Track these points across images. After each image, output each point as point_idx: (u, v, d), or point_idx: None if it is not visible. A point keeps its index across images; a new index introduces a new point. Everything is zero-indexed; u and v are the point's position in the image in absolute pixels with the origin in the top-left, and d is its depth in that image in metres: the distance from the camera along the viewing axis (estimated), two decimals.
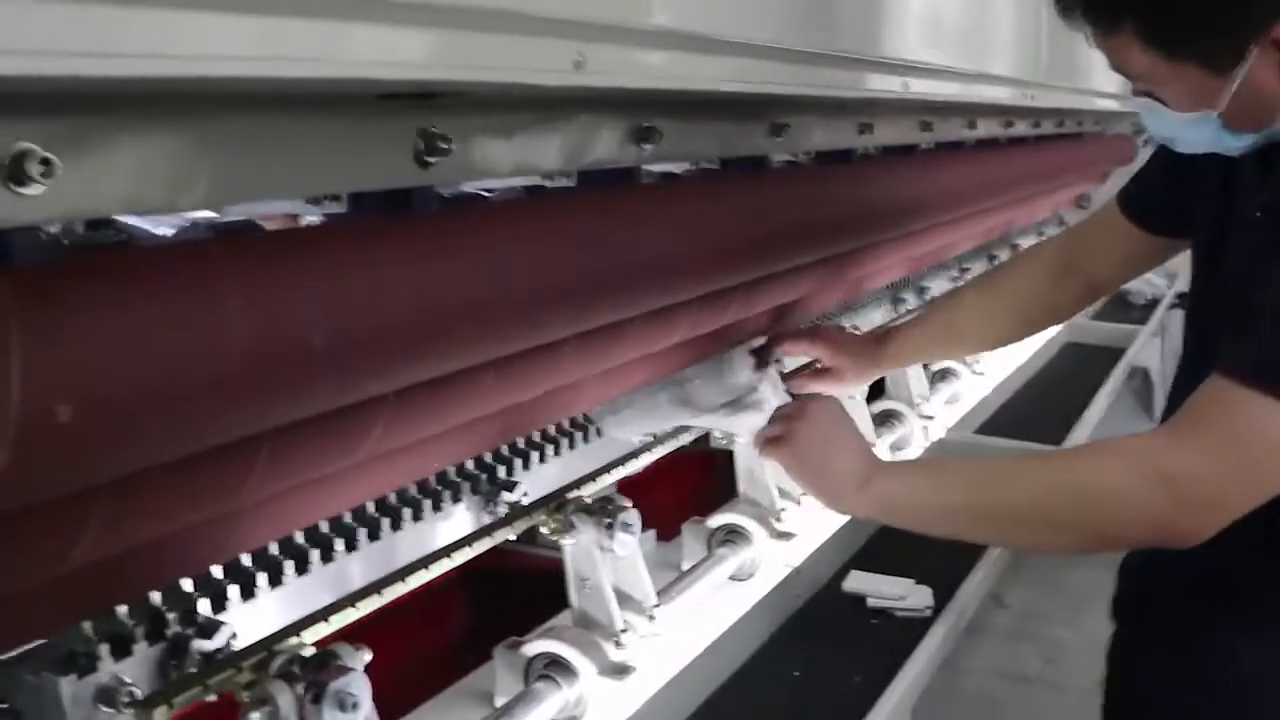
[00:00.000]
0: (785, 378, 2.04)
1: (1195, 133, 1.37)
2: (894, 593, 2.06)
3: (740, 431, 1.95)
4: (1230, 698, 1.48)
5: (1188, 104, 1.33)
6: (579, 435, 1.90)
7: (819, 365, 1.98)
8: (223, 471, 1.03)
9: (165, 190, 0.93)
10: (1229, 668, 1.48)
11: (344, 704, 1.17)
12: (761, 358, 1.96)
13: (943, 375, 3.20)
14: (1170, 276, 5.33)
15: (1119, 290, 5.22)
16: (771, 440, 1.57)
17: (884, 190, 2.21)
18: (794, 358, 2.04)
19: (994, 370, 3.47)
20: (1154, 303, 5.03)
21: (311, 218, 1.35)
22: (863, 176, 2.22)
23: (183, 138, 0.92)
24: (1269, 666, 1.46)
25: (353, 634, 1.36)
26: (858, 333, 2.40)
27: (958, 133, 2.94)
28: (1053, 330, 4.15)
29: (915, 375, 2.86)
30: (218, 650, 1.25)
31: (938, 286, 3.46)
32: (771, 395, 1.96)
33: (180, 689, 1.14)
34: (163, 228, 1.24)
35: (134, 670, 1.19)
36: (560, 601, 1.71)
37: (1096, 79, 3.70)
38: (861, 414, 2.51)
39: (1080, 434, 3.09)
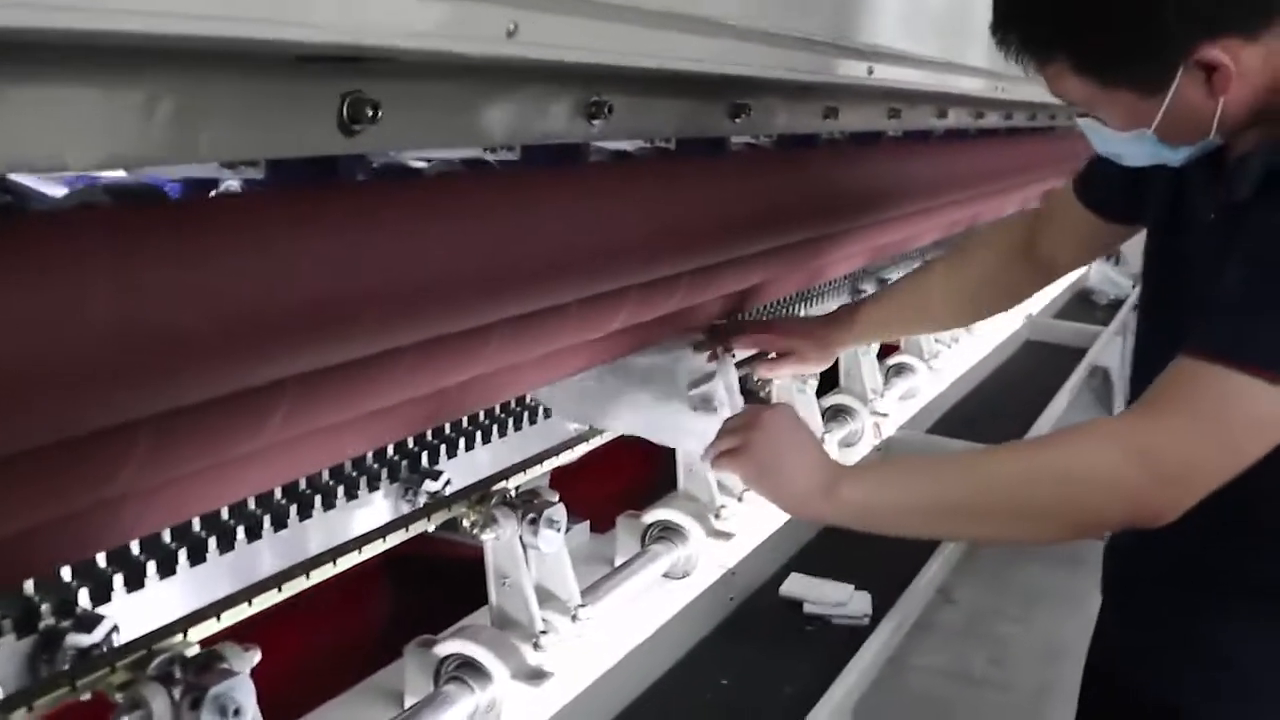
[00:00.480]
0: (743, 364, 2.04)
1: (1135, 148, 1.42)
2: (832, 598, 1.99)
3: (682, 441, 1.87)
4: (1213, 670, 1.49)
5: (1124, 124, 1.39)
6: (511, 422, 1.82)
7: (771, 354, 2.00)
8: (94, 459, 0.94)
9: (57, 148, 0.85)
10: (1212, 642, 1.49)
11: (224, 710, 1.08)
12: (713, 348, 1.95)
13: (898, 370, 3.13)
14: (1134, 277, 5.29)
15: (1082, 289, 5.19)
16: (726, 453, 1.50)
17: (846, 177, 2.13)
18: (745, 350, 2.04)
19: (951, 366, 3.40)
20: (1118, 303, 5.00)
21: (231, 183, 1.27)
22: (824, 162, 2.14)
23: (82, 93, 0.85)
24: (1252, 641, 1.47)
25: (254, 629, 1.28)
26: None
27: (926, 122, 2.87)
28: (1014, 326, 4.10)
29: (869, 369, 2.79)
30: (95, 646, 1.16)
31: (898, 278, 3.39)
32: (725, 399, 1.90)
33: (45, 690, 1.04)
34: (59, 188, 1.15)
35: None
36: (484, 592, 1.63)
37: None
38: (811, 408, 2.44)
39: (1038, 433, 3.03)
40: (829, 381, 2.69)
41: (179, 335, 0.85)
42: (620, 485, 2.38)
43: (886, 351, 3.08)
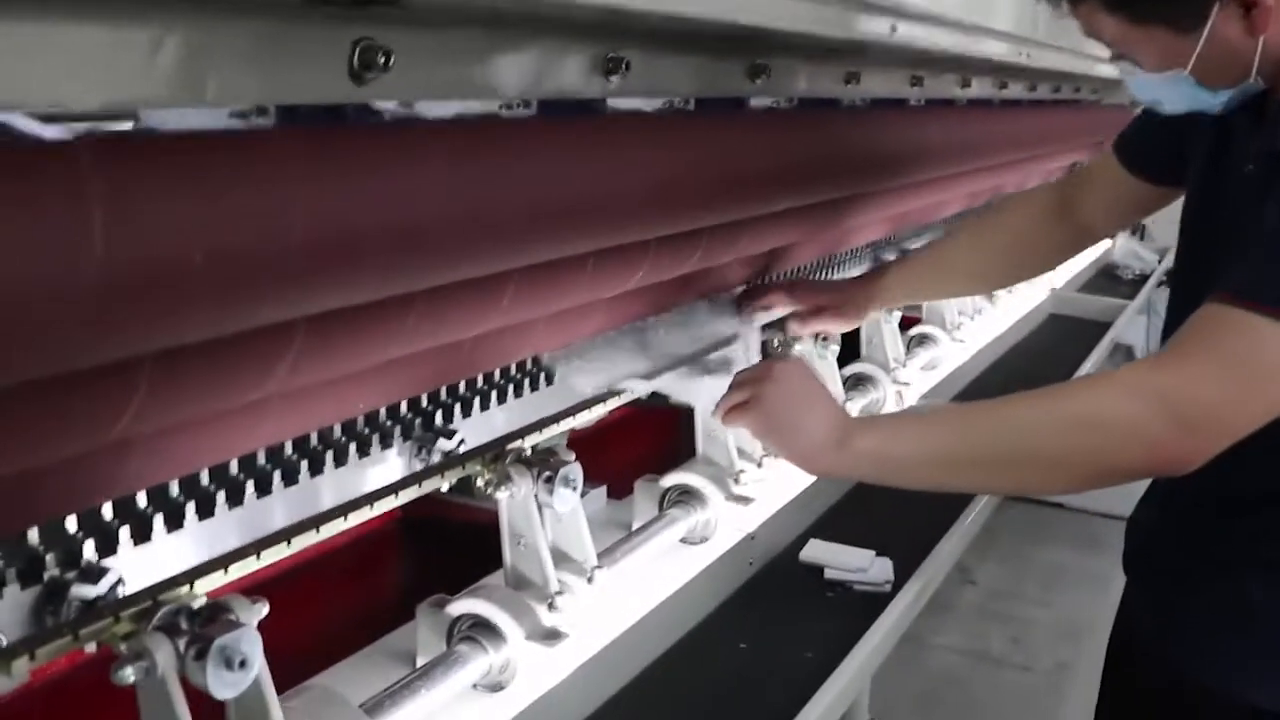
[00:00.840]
0: (770, 326, 2.06)
1: (1172, 92, 1.39)
2: (853, 564, 1.96)
3: (699, 399, 1.84)
4: (1237, 639, 1.47)
5: (1159, 64, 1.36)
6: (527, 382, 1.80)
7: (804, 309, 2.01)
8: (95, 398, 0.92)
9: (56, 89, 0.83)
10: (1239, 612, 1.47)
11: (230, 662, 1.06)
12: (742, 308, 1.99)
13: (920, 340, 3.10)
14: (1161, 252, 5.24)
15: (1107, 264, 5.14)
16: (737, 407, 1.47)
17: (869, 140, 2.10)
18: (772, 311, 2.05)
19: (974, 338, 3.36)
20: (1143, 278, 4.94)
21: None
22: (847, 124, 2.10)
23: (84, 30, 0.82)
24: (1276, 609, 1.44)
25: (263, 587, 1.26)
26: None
27: (949, 90, 2.83)
28: (1038, 299, 4.06)
29: (891, 338, 2.76)
30: (100, 598, 1.14)
31: None
32: (742, 356, 1.88)
33: (46, 639, 1.02)
34: (52, 131, 1.12)
35: (3, 615, 1.09)
36: (500, 557, 1.60)
37: (1094, 44, 3.59)
38: (832, 375, 2.41)
39: None
40: (851, 351, 2.65)
41: (179, 267, 0.82)
42: (638, 452, 2.36)
43: (909, 322, 3.05)
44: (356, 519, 1.34)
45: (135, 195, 0.80)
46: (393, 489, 1.41)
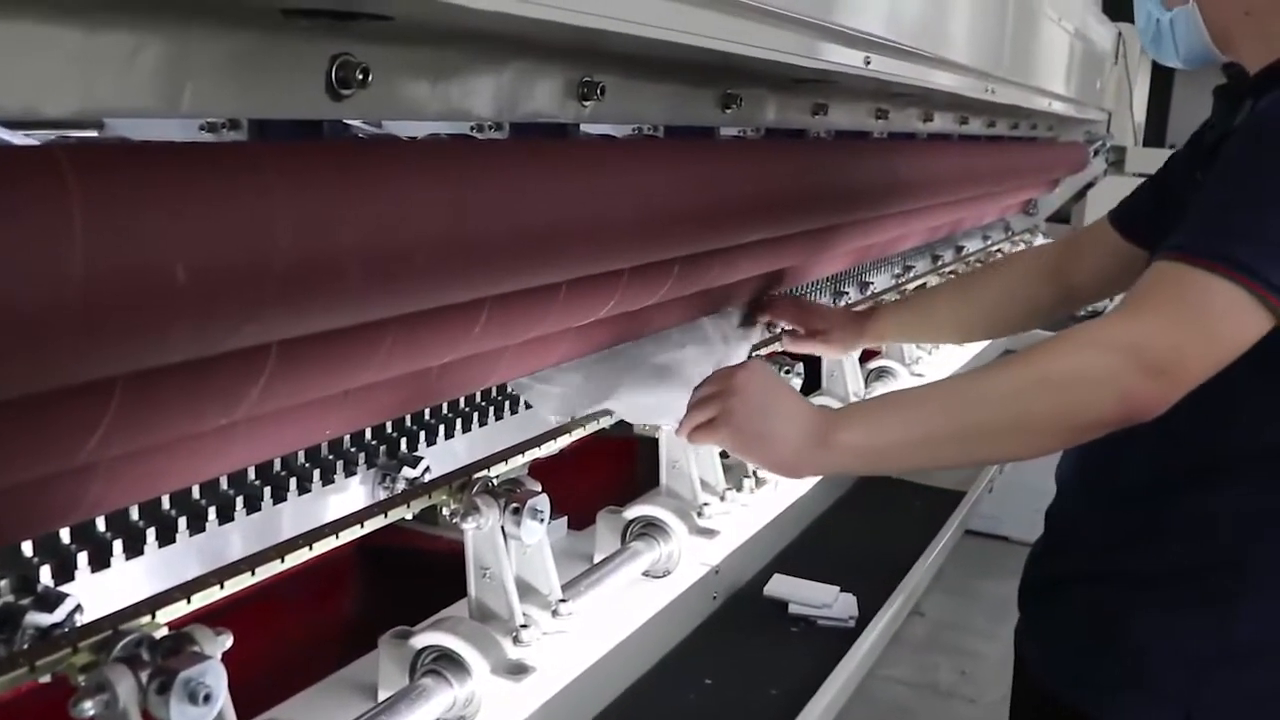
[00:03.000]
0: (776, 339, 2.16)
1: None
2: (818, 600, 1.95)
3: (665, 419, 1.83)
4: (1129, 663, 1.48)
5: None
6: (492, 411, 1.77)
7: (801, 331, 2.08)
8: (62, 421, 0.88)
9: (31, 95, 0.80)
10: (1127, 636, 1.49)
11: (195, 695, 1.02)
12: (748, 321, 2.07)
13: (879, 374, 3.09)
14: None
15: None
16: (702, 425, 1.43)
17: (840, 173, 2.09)
18: (777, 323, 2.14)
19: (931, 372, 3.36)
20: (1096, 315, 4.97)
21: None
22: (811, 157, 2.09)
23: (61, 34, 0.80)
24: (1166, 632, 1.46)
25: (223, 615, 1.22)
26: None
27: (912, 124, 2.84)
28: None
29: (851, 371, 2.76)
30: (57, 625, 1.10)
31: (881, 282, 3.36)
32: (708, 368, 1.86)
33: (1, 671, 0.98)
34: (27, 139, 1.09)
35: None
36: (464, 587, 1.57)
37: (1055, 82, 3.63)
38: None
39: None
40: (812, 382, 2.65)
41: (158, 285, 0.79)
42: (596, 482, 2.33)
43: (869, 355, 3.05)
44: (321, 548, 1.30)
45: (110, 205, 0.77)
46: (358, 517, 1.37)
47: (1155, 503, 1.47)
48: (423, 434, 1.62)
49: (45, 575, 1.14)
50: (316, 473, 1.44)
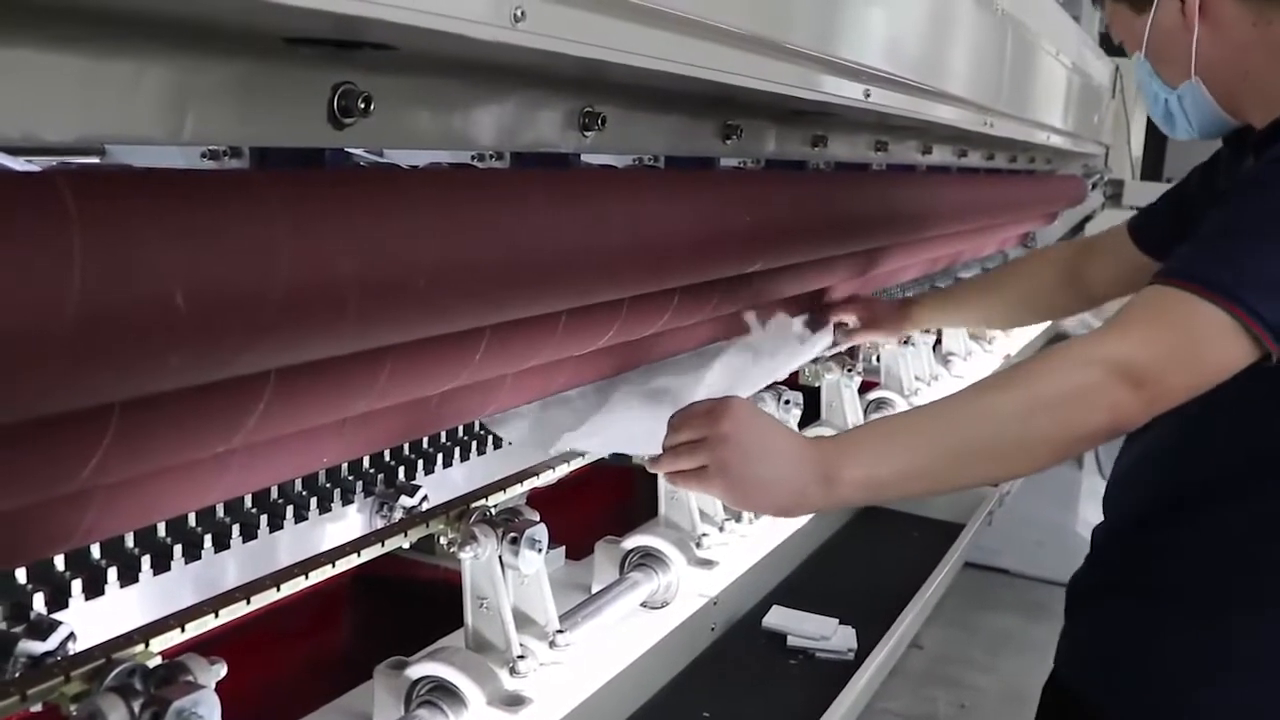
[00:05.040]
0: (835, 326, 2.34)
1: (1143, 78, 1.59)
2: (816, 632, 1.93)
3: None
4: (1146, 671, 1.56)
5: (1129, 46, 1.57)
6: (490, 440, 1.76)
7: (858, 323, 2.33)
8: (58, 447, 0.88)
9: (32, 121, 0.80)
10: (1144, 646, 1.57)
11: None
12: (815, 324, 2.29)
13: (878, 405, 3.08)
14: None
15: (1058, 331, 5.22)
16: (693, 473, 1.37)
17: (833, 205, 2.09)
18: (847, 319, 2.34)
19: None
20: None
21: None
22: (811, 188, 2.10)
23: (64, 61, 0.81)
24: (1180, 641, 1.53)
25: (217, 644, 1.21)
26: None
27: (911, 157, 2.85)
28: (994, 365, 4.07)
29: (850, 402, 2.75)
30: (50, 653, 1.09)
31: None
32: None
33: None
34: (28, 166, 1.09)
35: None
36: (460, 617, 1.56)
37: (1053, 116, 3.65)
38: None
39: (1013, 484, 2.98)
40: (811, 413, 2.64)
41: (151, 312, 0.79)
42: (594, 511, 2.32)
43: (868, 386, 3.05)
44: (318, 576, 1.30)
45: (110, 232, 0.77)
46: (355, 546, 1.37)
47: (1167, 522, 1.55)
48: (420, 463, 1.62)
49: (38, 603, 1.13)
50: (313, 501, 1.44)
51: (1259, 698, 1.47)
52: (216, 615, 1.18)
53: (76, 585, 1.16)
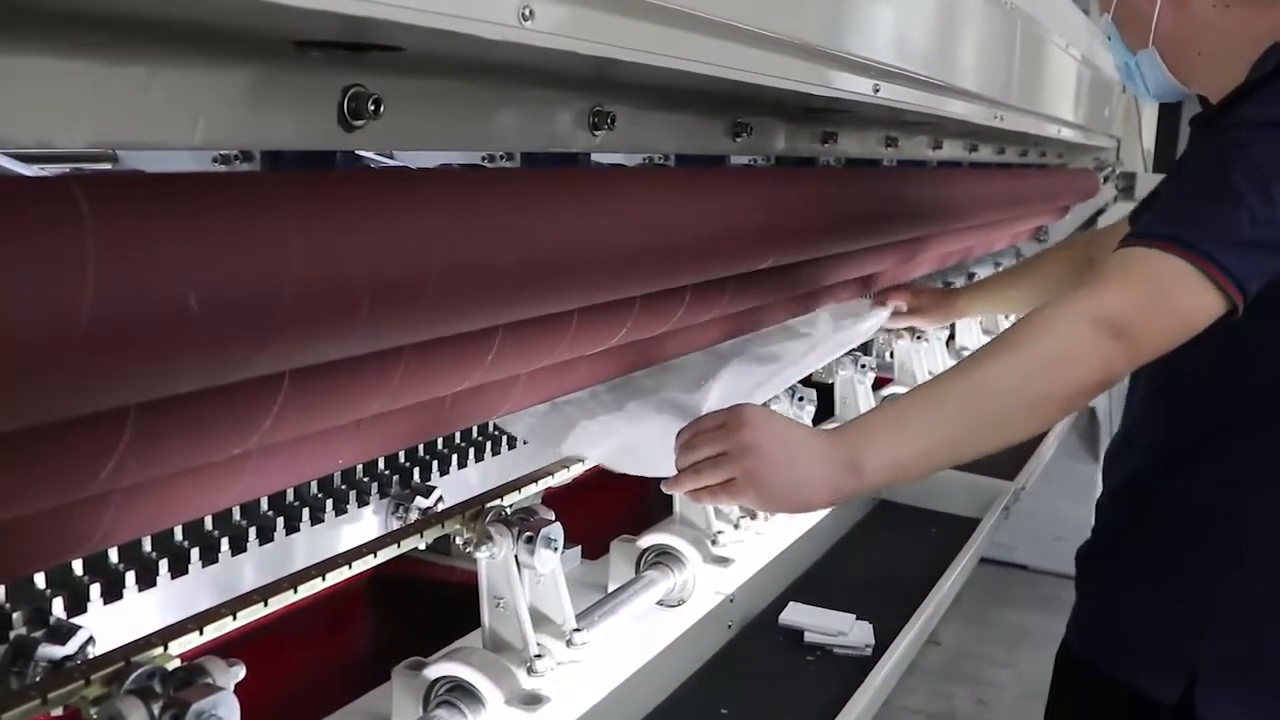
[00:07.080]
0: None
1: (1113, 43, 1.71)
2: (834, 628, 1.93)
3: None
4: (1139, 631, 1.70)
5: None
6: (505, 439, 1.77)
7: (906, 309, 2.48)
8: (75, 451, 0.88)
9: (44, 126, 0.80)
10: (1135, 607, 1.71)
11: None
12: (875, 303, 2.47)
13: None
14: None
15: None
16: (722, 486, 1.37)
17: (844, 201, 2.09)
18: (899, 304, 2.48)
19: None
20: None
21: None
22: (821, 184, 2.09)
23: (75, 66, 0.81)
24: (1167, 601, 1.66)
25: (234, 646, 1.21)
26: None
27: (921, 152, 2.85)
28: None
29: (865, 398, 2.75)
30: (69, 657, 1.10)
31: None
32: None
33: (12, 702, 0.98)
34: (40, 173, 1.10)
35: None
36: (476, 618, 1.56)
37: (1064, 109, 3.64)
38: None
39: (1030, 475, 2.97)
40: (825, 409, 2.64)
41: (172, 314, 0.79)
42: (609, 510, 2.32)
43: (881, 382, 3.04)
44: (334, 578, 1.30)
45: (127, 231, 0.77)
46: (371, 547, 1.37)
47: (1155, 484, 1.69)
48: (435, 463, 1.62)
49: (58, 607, 1.14)
50: (329, 503, 1.44)
51: (1245, 650, 1.59)
52: (234, 618, 1.18)
53: (95, 589, 1.17)
